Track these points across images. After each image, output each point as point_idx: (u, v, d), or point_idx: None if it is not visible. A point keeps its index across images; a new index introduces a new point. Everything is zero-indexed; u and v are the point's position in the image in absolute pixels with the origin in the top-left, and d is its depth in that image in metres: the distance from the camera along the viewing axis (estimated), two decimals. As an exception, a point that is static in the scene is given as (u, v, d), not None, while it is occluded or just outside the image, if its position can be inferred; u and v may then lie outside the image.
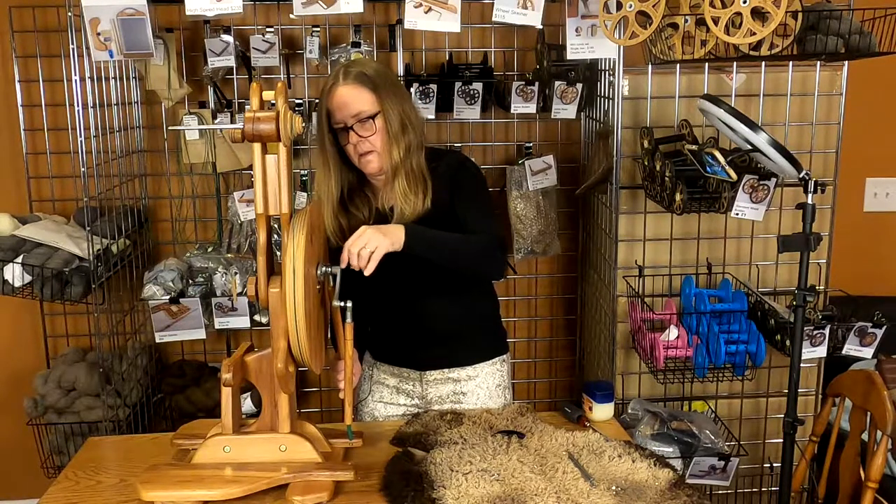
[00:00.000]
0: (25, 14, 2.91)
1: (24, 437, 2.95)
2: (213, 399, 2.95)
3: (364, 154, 1.89)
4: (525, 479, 1.58)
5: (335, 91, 1.87)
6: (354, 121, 1.86)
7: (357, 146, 1.88)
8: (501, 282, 3.13)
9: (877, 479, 2.00)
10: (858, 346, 2.46)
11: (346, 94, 1.86)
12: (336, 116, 1.87)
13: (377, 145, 1.88)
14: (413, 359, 2.07)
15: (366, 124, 1.86)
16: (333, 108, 1.87)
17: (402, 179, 1.89)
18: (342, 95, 1.86)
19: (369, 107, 1.86)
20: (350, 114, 1.86)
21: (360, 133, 1.86)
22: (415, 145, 1.91)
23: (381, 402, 2.11)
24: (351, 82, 1.86)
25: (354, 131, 1.86)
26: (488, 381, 2.07)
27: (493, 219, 1.98)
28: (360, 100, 1.86)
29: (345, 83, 1.86)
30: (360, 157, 1.89)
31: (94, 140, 2.57)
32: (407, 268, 1.91)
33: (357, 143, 1.88)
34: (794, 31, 2.24)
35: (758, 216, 2.37)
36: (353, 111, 1.86)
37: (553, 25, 2.87)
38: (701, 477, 2.43)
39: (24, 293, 2.66)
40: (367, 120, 1.86)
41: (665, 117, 2.55)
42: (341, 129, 1.88)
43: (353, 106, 1.85)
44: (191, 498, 1.54)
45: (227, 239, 3.00)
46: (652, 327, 2.52)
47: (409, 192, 1.90)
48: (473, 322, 2.05)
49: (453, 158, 2.03)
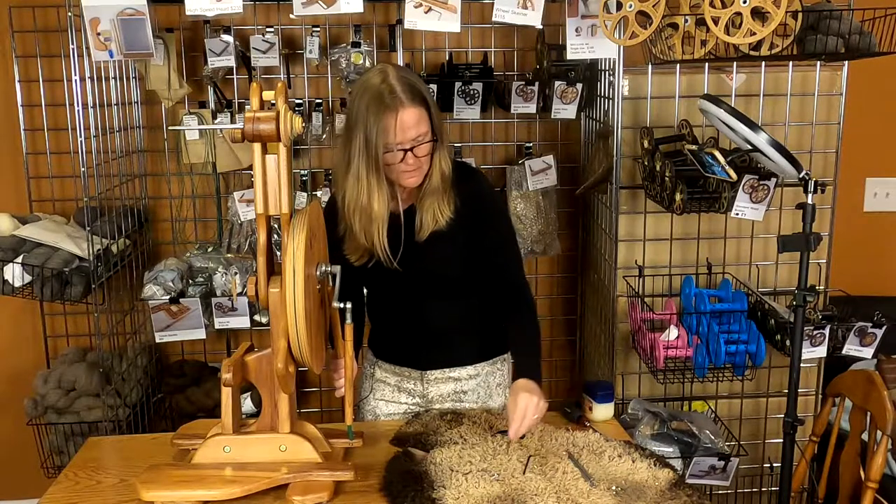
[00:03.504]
0: (25, 14, 2.91)
1: (24, 437, 2.94)
2: (213, 399, 2.95)
3: (408, 171, 1.82)
4: (525, 479, 1.59)
5: (401, 114, 1.76)
6: (413, 143, 1.79)
7: (409, 165, 1.81)
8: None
9: (877, 479, 2.00)
10: (858, 346, 2.46)
11: (411, 118, 1.77)
12: (398, 139, 1.78)
13: (424, 164, 1.82)
14: (414, 358, 2.07)
15: (423, 147, 1.80)
16: (397, 129, 1.76)
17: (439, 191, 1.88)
18: (409, 118, 1.77)
19: (427, 129, 1.80)
20: (411, 137, 1.78)
21: (418, 154, 1.80)
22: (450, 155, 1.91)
23: (383, 400, 2.11)
24: (413, 104, 1.77)
25: (413, 153, 1.79)
26: (489, 381, 2.07)
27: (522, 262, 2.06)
28: (422, 124, 1.79)
29: (409, 104, 1.77)
30: (403, 173, 1.83)
31: (94, 140, 2.57)
32: (410, 273, 1.93)
33: (411, 163, 1.81)
34: (794, 31, 2.24)
35: (758, 216, 2.37)
36: (415, 134, 1.78)
37: (553, 25, 2.87)
38: (701, 477, 2.43)
39: (24, 293, 2.66)
40: (425, 143, 1.80)
41: (665, 117, 2.55)
42: (398, 150, 1.79)
43: (415, 130, 1.78)
44: (191, 498, 1.54)
45: (227, 239, 3.00)
46: (652, 327, 2.52)
47: (442, 203, 1.88)
48: (474, 322, 2.05)
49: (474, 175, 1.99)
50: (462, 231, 1.91)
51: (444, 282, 1.97)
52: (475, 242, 1.93)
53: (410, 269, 1.94)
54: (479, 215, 1.93)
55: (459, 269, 1.97)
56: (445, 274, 1.97)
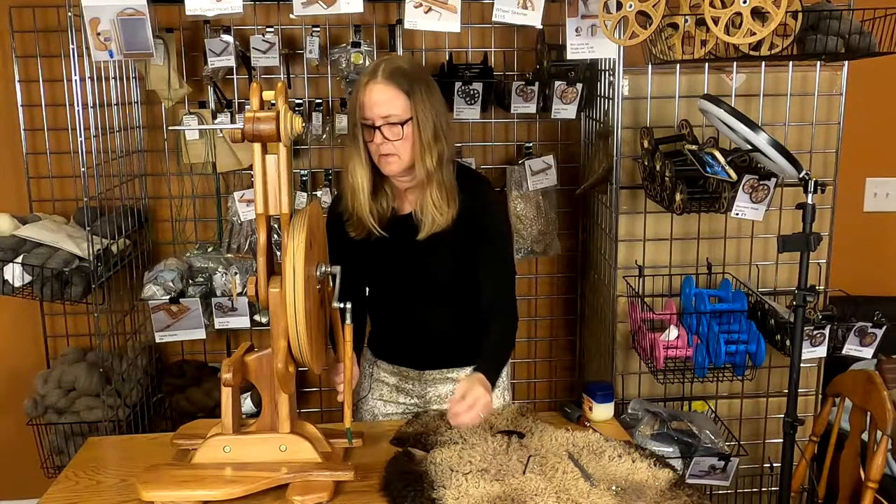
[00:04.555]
0: (25, 14, 2.90)
1: (24, 437, 2.94)
2: (213, 399, 2.95)
3: (385, 155, 1.83)
4: (525, 479, 1.59)
5: (370, 87, 1.80)
6: (383, 122, 1.80)
7: (380, 147, 1.83)
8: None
9: (877, 479, 2.00)
10: (858, 346, 2.46)
11: (380, 93, 1.79)
12: (366, 113, 1.81)
13: (401, 150, 1.83)
14: (413, 358, 2.07)
15: (394, 128, 1.81)
16: (365, 104, 1.81)
17: (435, 189, 1.87)
18: (376, 93, 1.79)
19: (401, 111, 1.80)
20: (380, 114, 1.80)
21: (388, 136, 1.81)
22: (447, 156, 1.88)
23: (381, 399, 2.11)
24: (388, 82, 1.79)
25: (381, 132, 1.81)
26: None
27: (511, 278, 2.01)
28: (394, 103, 1.80)
29: (381, 81, 1.79)
30: (381, 157, 1.84)
31: (94, 140, 2.56)
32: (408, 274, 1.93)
33: (381, 144, 1.82)
34: (794, 31, 2.24)
35: (758, 216, 2.37)
36: (384, 112, 1.80)
37: (553, 25, 2.87)
38: (701, 477, 2.43)
39: (24, 293, 2.66)
40: (396, 125, 1.81)
41: (665, 117, 2.54)
42: (368, 126, 1.82)
43: (384, 107, 1.79)
44: (191, 498, 1.54)
45: (227, 239, 3.00)
46: (652, 327, 2.52)
47: (443, 203, 1.87)
48: (472, 323, 2.05)
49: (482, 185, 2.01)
50: (459, 238, 1.92)
51: (442, 283, 1.98)
52: (468, 251, 1.94)
53: (410, 269, 1.94)
54: (476, 226, 1.93)
55: (456, 274, 1.98)
56: (443, 276, 1.98)
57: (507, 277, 2.01)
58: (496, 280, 1.97)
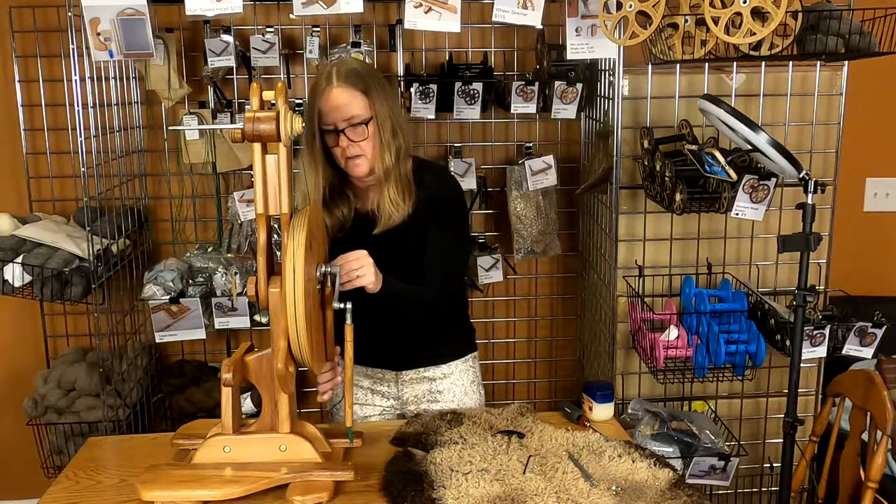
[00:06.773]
0: (25, 14, 2.91)
1: (24, 437, 2.94)
2: (213, 399, 2.95)
3: (352, 157, 1.84)
4: (525, 479, 1.59)
5: (328, 93, 1.81)
6: (346, 125, 1.81)
7: (346, 150, 1.83)
8: (502, 281, 3.14)
9: (877, 479, 2.00)
10: (858, 346, 2.46)
11: (339, 97, 1.81)
12: (326, 119, 1.82)
13: (367, 150, 1.84)
14: (388, 359, 2.06)
15: (357, 129, 1.82)
16: (325, 109, 1.82)
17: (392, 185, 1.87)
18: (335, 98, 1.81)
19: (362, 111, 1.82)
20: (342, 117, 1.81)
21: (352, 137, 1.82)
22: (404, 150, 1.89)
23: (356, 403, 2.09)
24: (344, 85, 1.81)
25: (346, 135, 1.82)
26: (463, 379, 2.07)
27: (454, 264, 1.98)
28: (354, 104, 1.81)
29: (338, 85, 1.81)
30: (348, 160, 1.85)
31: (94, 140, 2.57)
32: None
33: (347, 147, 1.83)
34: (794, 31, 2.24)
35: (758, 216, 2.37)
36: (346, 115, 1.81)
37: (553, 25, 2.87)
38: (701, 477, 2.43)
39: (24, 293, 2.66)
40: (359, 125, 1.82)
41: (665, 117, 2.55)
42: (331, 131, 1.83)
43: (345, 110, 1.81)
44: (191, 498, 1.54)
45: (227, 239, 3.00)
46: (652, 327, 2.52)
47: (399, 198, 1.88)
48: (446, 321, 2.04)
49: (440, 177, 2.00)
50: (418, 230, 1.90)
51: (405, 279, 1.90)
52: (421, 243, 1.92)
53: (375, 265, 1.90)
54: (430, 217, 1.92)
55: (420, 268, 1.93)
56: (405, 270, 1.91)
57: (450, 276, 1.98)
58: (436, 276, 1.93)
